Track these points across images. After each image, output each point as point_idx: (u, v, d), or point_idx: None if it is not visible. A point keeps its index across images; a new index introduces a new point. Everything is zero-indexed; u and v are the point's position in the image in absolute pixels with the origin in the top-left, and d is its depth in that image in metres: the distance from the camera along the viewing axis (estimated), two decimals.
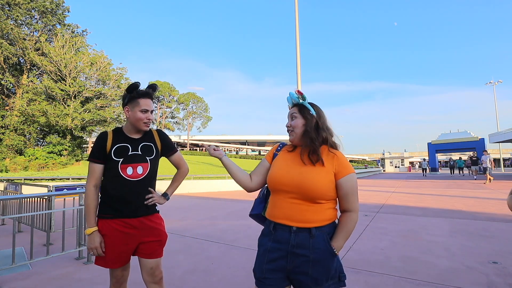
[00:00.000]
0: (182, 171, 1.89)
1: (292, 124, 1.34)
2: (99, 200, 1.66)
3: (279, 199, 1.28)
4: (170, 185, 1.85)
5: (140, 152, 1.66)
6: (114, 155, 1.61)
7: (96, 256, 1.61)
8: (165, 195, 1.78)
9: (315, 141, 1.28)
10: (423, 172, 26.35)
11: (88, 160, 1.65)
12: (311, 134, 1.29)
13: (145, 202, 1.65)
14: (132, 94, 1.65)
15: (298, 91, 1.40)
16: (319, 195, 1.20)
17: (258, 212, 1.45)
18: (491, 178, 13.76)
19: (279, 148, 1.48)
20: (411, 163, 48.28)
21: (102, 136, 1.65)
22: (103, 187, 1.66)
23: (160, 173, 2.89)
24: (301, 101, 1.38)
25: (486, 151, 15.43)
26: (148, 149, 1.69)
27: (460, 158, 28.21)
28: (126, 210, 1.60)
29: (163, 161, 1.92)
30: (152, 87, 1.72)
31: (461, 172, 26.10)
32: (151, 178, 1.69)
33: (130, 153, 1.63)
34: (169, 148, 1.82)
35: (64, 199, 5.00)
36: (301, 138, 1.32)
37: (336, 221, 1.30)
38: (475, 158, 17.76)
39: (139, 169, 1.63)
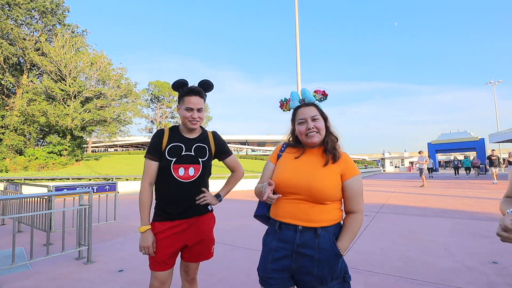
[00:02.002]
0: (236, 174, 1.86)
1: (318, 126, 1.29)
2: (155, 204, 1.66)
3: (284, 199, 1.26)
4: (223, 186, 1.82)
5: (193, 153, 1.64)
6: (168, 154, 1.60)
7: (148, 255, 1.58)
8: (218, 196, 1.74)
9: (337, 141, 1.33)
10: (429, 172, 21.82)
11: (144, 157, 1.64)
12: (332, 136, 1.33)
13: (197, 202, 1.63)
14: (180, 92, 1.63)
15: (323, 91, 1.37)
16: (326, 197, 1.20)
17: (262, 213, 1.45)
18: (425, 181, 12.79)
19: (283, 148, 1.44)
20: (411, 163, 48.21)
21: (159, 134, 1.64)
22: (156, 189, 1.65)
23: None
24: (317, 101, 1.36)
25: (422, 151, 13.39)
26: (201, 150, 1.67)
27: (466, 157, 26.64)
28: (176, 212, 1.59)
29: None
30: (202, 84, 1.67)
31: (467, 172, 23.27)
32: (202, 180, 1.66)
33: (183, 153, 1.61)
34: (223, 151, 1.79)
35: (64, 199, 5.00)
36: (322, 140, 1.32)
37: (342, 222, 1.29)
38: (494, 158, 14.43)
39: (191, 171, 1.61)
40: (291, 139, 1.44)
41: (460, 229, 4.58)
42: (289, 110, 1.44)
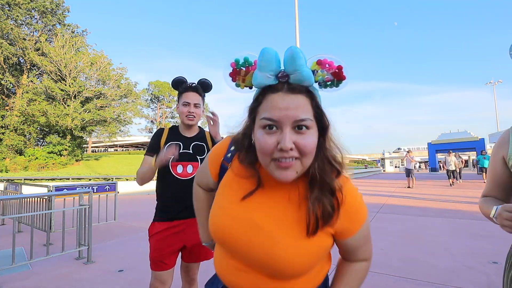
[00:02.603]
0: None
1: (303, 148, 0.60)
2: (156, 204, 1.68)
3: (231, 261, 0.72)
4: None
5: (191, 151, 1.67)
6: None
7: (150, 256, 1.58)
8: None
9: (333, 182, 0.65)
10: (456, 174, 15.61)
11: (144, 155, 1.69)
12: (328, 163, 0.66)
13: None
14: (178, 89, 1.66)
15: (337, 66, 0.66)
16: (298, 274, 0.66)
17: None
18: (414, 182, 12.28)
19: (229, 153, 0.78)
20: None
21: (158, 133, 1.70)
22: (156, 188, 1.68)
23: None
24: (317, 85, 0.68)
25: (409, 152, 12.29)
26: (199, 149, 1.70)
27: (482, 153, 25.30)
28: (174, 210, 1.60)
29: None
30: (201, 83, 1.70)
31: (482, 173, 21.02)
32: None
33: (181, 151, 1.64)
34: None
35: (64, 199, 5.00)
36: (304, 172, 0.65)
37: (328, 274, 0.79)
38: None
39: (189, 168, 1.64)
40: (241, 140, 0.73)
41: (460, 229, 4.58)
42: (250, 88, 0.72)
